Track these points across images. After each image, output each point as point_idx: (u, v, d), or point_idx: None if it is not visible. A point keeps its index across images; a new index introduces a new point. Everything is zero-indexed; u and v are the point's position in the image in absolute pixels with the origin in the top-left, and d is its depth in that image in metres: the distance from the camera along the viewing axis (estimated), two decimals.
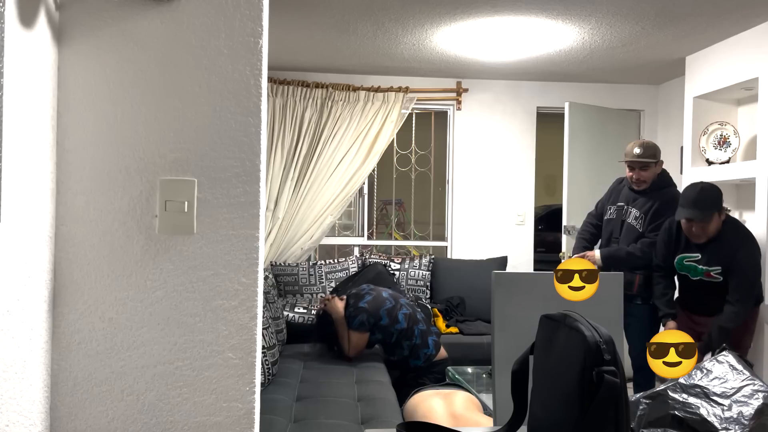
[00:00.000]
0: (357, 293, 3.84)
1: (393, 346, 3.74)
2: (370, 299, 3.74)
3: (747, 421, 1.10)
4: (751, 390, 1.15)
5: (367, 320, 3.66)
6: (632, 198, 3.72)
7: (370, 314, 3.66)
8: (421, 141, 5.62)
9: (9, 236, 1.14)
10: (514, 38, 4.17)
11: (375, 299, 3.74)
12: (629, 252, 3.62)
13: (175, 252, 1.33)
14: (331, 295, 3.86)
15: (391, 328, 3.68)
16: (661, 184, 3.68)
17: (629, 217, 3.70)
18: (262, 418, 2.57)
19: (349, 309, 3.72)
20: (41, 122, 1.25)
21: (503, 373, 1.64)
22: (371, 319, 3.66)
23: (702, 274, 3.34)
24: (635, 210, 3.68)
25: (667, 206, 3.54)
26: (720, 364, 1.21)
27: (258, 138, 1.35)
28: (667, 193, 3.65)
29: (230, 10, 1.34)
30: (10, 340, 1.15)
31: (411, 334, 3.71)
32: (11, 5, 1.13)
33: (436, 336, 3.85)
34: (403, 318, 3.72)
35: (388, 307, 3.72)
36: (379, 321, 3.67)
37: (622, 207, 3.75)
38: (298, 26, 4.01)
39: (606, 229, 3.84)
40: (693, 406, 1.14)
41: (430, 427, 1.19)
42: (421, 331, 3.75)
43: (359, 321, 3.66)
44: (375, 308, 3.69)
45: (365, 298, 3.75)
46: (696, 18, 3.73)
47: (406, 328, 3.70)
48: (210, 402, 1.35)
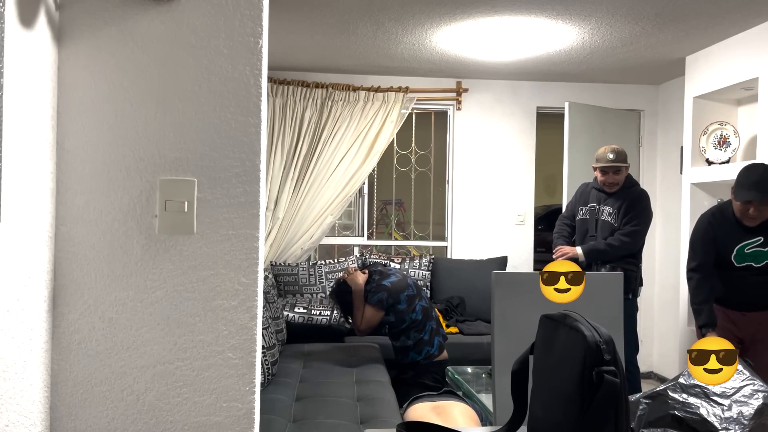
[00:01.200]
0: (383, 271, 3.85)
1: (400, 332, 3.74)
2: (395, 280, 3.75)
3: (747, 421, 1.10)
4: (751, 390, 1.15)
5: (386, 299, 3.67)
6: (602, 198, 3.99)
7: (390, 294, 3.68)
8: (421, 141, 5.62)
9: (9, 236, 1.14)
10: (514, 38, 4.17)
11: (399, 282, 3.76)
12: (609, 243, 3.86)
13: (175, 252, 1.33)
14: (354, 268, 3.87)
15: (406, 315, 3.69)
16: (627, 184, 3.96)
17: (602, 214, 3.96)
18: (262, 418, 2.57)
19: (371, 284, 3.74)
20: (41, 122, 1.25)
21: (503, 373, 1.65)
22: (390, 300, 3.68)
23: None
24: (608, 207, 3.95)
25: (637, 201, 3.87)
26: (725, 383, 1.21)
27: (258, 138, 1.35)
28: (634, 191, 3.93)
29: (230, 10, 1.34)
30: (10, 340, 1.15)
31: (422, 327, 3.72)
32: (11, 5, 1.13)
33: (443, 338, 3.85)
34: (420, 309, 3.74)
35: (410, 294, 3.73)
36: (397, 304, 3.69)
37: (595, 207, 4.01)
38: (298, 26, 4.01)
39: (581, 228, 4.09)
40: (693, 406, 1.14)
41: (430, 427, 1.19)
42: (432, 328, 3.77)
43: (378, 298, 3.68)
44: (397, 290, 3.70)
45: (390, 278, 3.76)
46: (696, 18, 3.73)
47: (420, 320, 3.72)
48: (210, 402, 1.35)
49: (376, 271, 3.86)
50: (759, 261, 3.27)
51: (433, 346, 3.74)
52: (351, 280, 3.77)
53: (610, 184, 3.89)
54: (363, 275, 3.80)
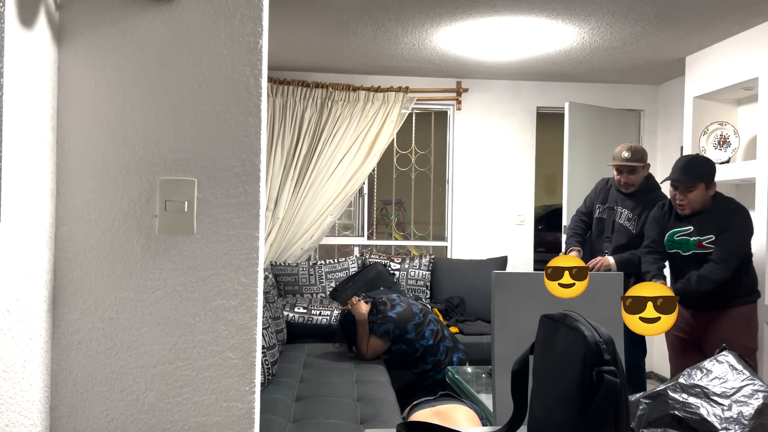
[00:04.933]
0: (388, 301, 3.83)
1: (417, 360, 3.75)
2: (400, 311, 3.74)
3: (747, 421, 1.10)
4: (751, 390, 1.15)
5: (392, 330, 3.68)
6: (621, 199, 3.82)
7: (397, 325, 3.68)
8: (421, 141, 5.62)
9: (9, 236, 1.14)
10: (514, 38, 4.17)
11: (405, 311, 3.75)
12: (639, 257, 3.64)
13: (175, 252, 1.33)
14: (357, 298, 3.87)
15: (416, 344, 3.70)
16: (647, 188, 3.79)
17: (620, 217, 3.81)
18: (262, 418, 2.57)
19: (377, 315, 3.74)
20: (41, 122, 1.25)
21: (503, 373, 1.64)
22: (397, 331, 3.68)
23: (694, 246, 3.24)
24: (626, 211, 3.78)
25: None
26: (720, 364, 1.21)
27: (258, 138, 1.35)
28: (654, 197, 3.73)
29: (230, 10, 1.34)
30: (10, 340, 1.15)
31: (436, 350, 3.73)
32: (11, 5, 1.13)
33: (462, 353, 3.85)
34: (430, 334, 3.74)
35: (416, 322, 3.73)
36: (405, 334, 3.69)
37: (613, 207, 3.85)
38: (298, 26, 4.01)
39: (597, 227, 3.95)
40: (693, 406, 1.14)
41: (430, 427, 1.19)
42: (447, 347, 3.77)
43: (385, 329, 3.68)
44: (403, 321, 3.70)
45: (396, 308, 3.75)
46: (696, 18, 3.73)
47: (432, 344, 3.73)
48: (210, 402, 1.35)
49: (380, 301, 3.84)
50: (685, 250, 3.30)
51: (453, 363, 3.76)
52: (354, 310, 3.76)
53: (625, 184, 3.74)
54: (366, 305, 3.79)
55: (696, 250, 3.25)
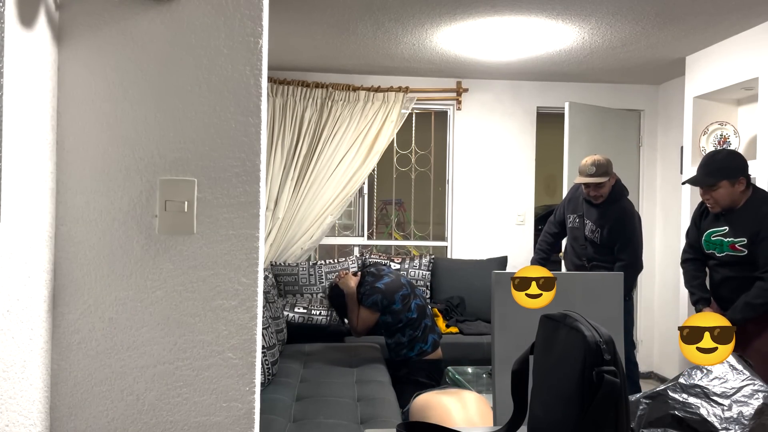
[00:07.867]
0: (376, 272, 3.84)
1: (395, 330, 3.74)
2: (388, 281, 3.75)
3: (747, 421, 1.10)
4: (751, 390, 1.15)
5: (380, 301, 3.67)
6: (587, 210, 3.92)
7: (385, 296, 3.68)
8: (421, 141, 5.62)
9: (9, 236, 1.14)
10: (514, 38, 4.16)
11: (393, 282, 3.75)
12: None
13: (175, 252, 1.33)
14: (345, 272, 3.88)
15: (402, 315, 3.70)
16: (612, 198, 3.83)
17: (586, 229, 3.91)
18: (262, 418, 2.57)
19: (365, 286, 3.74)
20: (41, 122, 1.25)
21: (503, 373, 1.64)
22: (384, 301, 3.67)
23: (728, 248, 3.10)
24: (590, 223, 3.89)
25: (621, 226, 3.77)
26: (720, 363, 1.20)
27: (258, 138, 1.35)
28: (617, 208, 3.80)
29: (230, 10, 1.34)
30: (10, 340, 1.15)
31: (417, 325, 3.73)
32: (11, 5, 1.13)
33: (437, 336, 3.85)
34: (415, 308, 3.74)
35: (404, 293, 3.73)
36: (392, 304, 3.69)
37: (582, 217, 3.95)
38: (298, 26, 4.01)
39: (571, 235, 4.06)
40: (693, 406, 1.14)
41: (430, 427, 1.19)
42: (427, 326, 3.77)
43: (373, 300, 3.68)
44: (391, 291, 3.70)
45: (383, 279, 3.76)
46: (696, 18, 3.72)
47: (415, 319, 3.72)
48: (210, 402, 1.35)
49: (368, 272, 3.85)
50: (719, 251, 3.19)
51: (426, 343, 3.74)
52: (343, 283, 3.77)
53: (594, 196, 3.82)
54: (354, 278, 3.80)
55: (729, 251, 3.13)
